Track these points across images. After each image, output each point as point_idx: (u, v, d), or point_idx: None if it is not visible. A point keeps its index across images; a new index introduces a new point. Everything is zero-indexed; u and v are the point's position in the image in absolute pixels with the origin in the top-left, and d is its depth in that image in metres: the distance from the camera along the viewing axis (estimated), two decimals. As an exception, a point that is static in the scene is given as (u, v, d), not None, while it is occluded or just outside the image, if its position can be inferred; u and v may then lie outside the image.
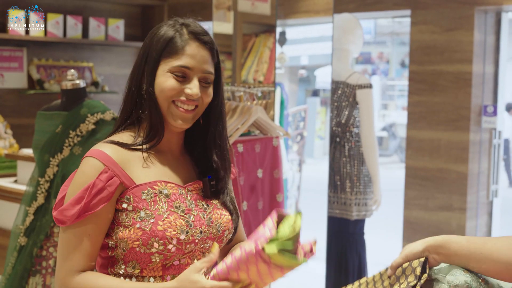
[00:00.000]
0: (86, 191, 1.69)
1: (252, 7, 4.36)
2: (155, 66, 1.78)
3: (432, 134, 4.91)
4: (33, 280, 3.30)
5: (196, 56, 1.77)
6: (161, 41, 1.77)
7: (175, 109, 1.77)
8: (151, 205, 1.72)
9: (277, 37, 5.15)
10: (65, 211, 1.69)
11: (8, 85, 5.83)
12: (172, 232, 1.71)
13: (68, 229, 1.71)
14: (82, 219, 1.69)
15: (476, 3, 4.69)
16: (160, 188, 1.75)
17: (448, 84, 4.83)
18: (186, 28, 1.79)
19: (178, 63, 1.75)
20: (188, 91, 1.76)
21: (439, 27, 4.86)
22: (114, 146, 1.76)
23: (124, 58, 6.75)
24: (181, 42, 1.76)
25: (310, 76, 15.64)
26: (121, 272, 1.75)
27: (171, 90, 1.75)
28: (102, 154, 1.73)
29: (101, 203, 1.69)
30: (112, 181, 1.70)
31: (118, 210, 1.73)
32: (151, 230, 1.69)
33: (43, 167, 3.30)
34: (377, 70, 18.38)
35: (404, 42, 17.00)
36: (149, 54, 1.79)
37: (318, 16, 5.57)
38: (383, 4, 5.13)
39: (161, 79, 1.76)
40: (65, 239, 1.72)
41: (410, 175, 5.05)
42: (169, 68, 1.76)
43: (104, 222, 1.72)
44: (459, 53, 4.78)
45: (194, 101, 1.77)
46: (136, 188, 1.73)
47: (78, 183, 1.72)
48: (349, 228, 4.58)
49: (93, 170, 1.71)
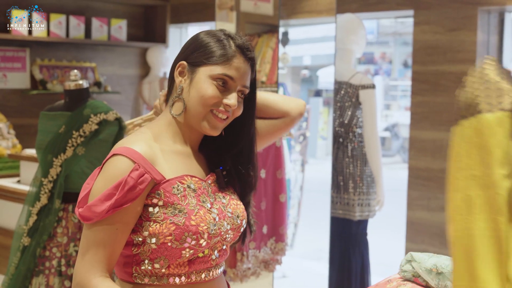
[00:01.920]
0: (117, 188, 1.67)
1: (254, 7, 4.36)
2: (194, 69, 1.81)
3: (435, 134, 4.91)
4: (36, 280, 3.30)
5: (240, 69, 1.80)
6: (207, 47, 1.81)
7: (211, 117, 1.80)
8: (182, 200, 1.73)
9: (280, 37, 5.15)
10: (94, 207, 1.67)
11: (11, 86, 5.84)
12: (204, 227, 1.73)
13: (94, 225, 1.69)
14: (110, 215, 1.68)
15: (479, 3, 4.68)
16: (188, 183, 1.77)
17: (451, 84, 4.82)
18: (232, 41, 1.82)
19: (223, 72, 1.78)
20: (227, 101, 1.79)
21: (442, 27, 4.86)
22: (145, 141, 1.77)
23: (126, 58, 6.76)
24: (229, 52, 1.80)
25: (312, 76, 15.65)
26: (147, 270, 1.74)
27: (212, 98, 1.78)
28: (131, 151, 1.72)
29: (132, 199, 1.68)
30: (143, 178, 1.69)
31: (148, 205, 1.73)
32: (185, 225, 1.70)
33: (46, 167, 3.31)
34: (379, 70, 18.38)
35: (406, 42, 16.99)
36: (189, 55, 1.83)
37: (321, 16, 5.56)
38: (386, 4, 5.12)
39: (202, 85, 1.79)
40: (90, 235, 1.70)
41: (413, 176, 5.04)
42: (213, 74, 1.78)
43: (133, 217, 1.71)
44: (462, 53, 4.77)
45: (229, 112, 1.81)
46: (166, 183, 1.73)
47: (106, 180, 1.70)
48: (352, 228, 4.57)
49: (123, 167, 1.70)
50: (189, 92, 1.81)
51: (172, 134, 1.85)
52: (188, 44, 1.86)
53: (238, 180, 1.93)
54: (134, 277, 1.77)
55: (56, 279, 3.28)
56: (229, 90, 1.80)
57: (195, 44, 1.83)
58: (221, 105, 1.79)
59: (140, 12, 6.83)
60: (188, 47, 1.85)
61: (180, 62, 1.83)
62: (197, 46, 1.83)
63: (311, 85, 15.95)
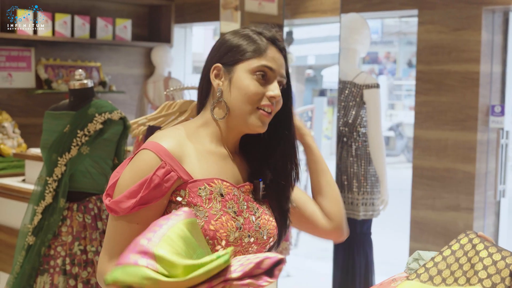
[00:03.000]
0: (142, 186, 1.66)
1: (259, 7, 4.37)
2: (231, 68, 1.79)
3: (439, 133, 4.91)
4: (41, 279, 3.31)
5: (276, 59, 1.80)
6: (239, 44, 1.79)
7: (259, 113, 1.78)
8: (205, 203, 1.70)
9: (284, 37, 5.15)
10: (121, 203, 1.67)
11: (16, 85, 5.85)
12: (222, 234, 1.69)
13: (119, 219, 1.69)
14: (135, 211, 1.67)
15: (484, 2, 4.68)
16: (217, 186, 1.74)
17: (456, 84, 4.82)
18: (262, 35, 1.81)
19: (262, 63, 1.77)
20: (270, 93, 1.77)
21: (446, 26, 4.86)
22: (175, 139, 1.74)
23: (131, 58, 6.77)
24: (263, 45, 1.79)
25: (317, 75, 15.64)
26: None
27: (256, 94, 1.76)
28: (159, 147, 1.69)
29: (157, 197, 1.67)
30: (169, 176, 1.68)
31: (172, 202, 1.71)
32: (203, 228, 1.67)
33: (51, 166, 3.32)
34: (384, 70, 18.37)
35: (411, 41, 16.98)
36: (223, 57, 1.80)
37: (325, 16, 5.57)
38: (390, 4, 5.12)
39: (244, 82, 1.77)
40: (115, 227, 1.71)
41: (417, 175, 5.04)
42: (251, 68, 1.77)
43: (158, 212, 1.70)
44: (466, 53, 4.77)
45: (273, 105, 1.79)
46: (193, 183, 1.71)
47: (133, 175, 1.69)
48: (356, 228, 4.57)
49: (149, 164, 1.68)
50: (230, 93, 1.78)
51: (208, 133, 1.82)
52: (218, 47, 1.83)
53: (275, 193, 1.88)
54: None
55: (61, 278, 3.28)
56: (269, 81, 1.79)
57: (226, 46, 1.81)
58: (264, 99, 1.78)
59: (144, 12, 6.84)
60: (219, 50, 1.82)
61: (215, 65, 1.81)
62: (228, 47, 1.80)
63: (316, 85, 15.94)
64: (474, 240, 1.65)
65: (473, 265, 1.61)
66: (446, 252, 1.69)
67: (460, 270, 1.63)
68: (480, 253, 1.61)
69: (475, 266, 1.61)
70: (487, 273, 1.58)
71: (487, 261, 1.60)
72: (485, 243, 1.63)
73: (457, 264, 1.64)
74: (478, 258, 1.61)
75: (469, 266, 1.62)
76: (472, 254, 1.63)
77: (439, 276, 1.66)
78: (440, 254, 1.69)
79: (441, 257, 1.68)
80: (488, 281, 1.58)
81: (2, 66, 5.72)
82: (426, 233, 4.96)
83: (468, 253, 1.65)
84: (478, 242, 1.64)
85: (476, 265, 1.61)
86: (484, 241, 1.64)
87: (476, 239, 1.64)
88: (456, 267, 1.65)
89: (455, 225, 4.82)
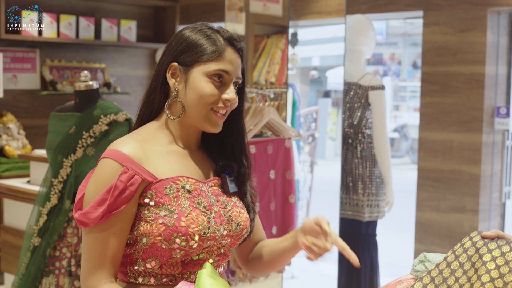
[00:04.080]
0: (108, 193, 1.67)
1: (263, 8, 4.36)
2: (188, 69, 1.79)
3: (445, 135, 4.90)
4: (47, 280, 3.31)
5: (233, 62, 1.80)
6: (195, 45, 1.79)
7: (213, 115, 1.79)
8: (173, 201, 1.72)
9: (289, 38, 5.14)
10: (88, 214, 1.68)
11: (21, 86, 5.86)
12: (194, 229, 1.71)
13: (91, 231, 1.69)
14: (105, 220, 1.68)
15: (489, 4, 4.67)
16: (183, 184, 1.75)
17: (461, 85, 4.82)
18: (220, 34, 1.81)
19: (218, 67, 1.77)
20: (226, 96, 1.78)
21: (451, 28, 4.85)
22: (133, 142, 1.75)
23: (136, 59, 6.77)
24: (219, 46, 1.78)
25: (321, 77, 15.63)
26: (140, 269, 1.74)
27: (211, 96, 1.77)
28: (118, 153, 1.71)
29: (124, 202, 1.68)
30: (133, 180, 1.69)
31: (140, 205, 1.72)
32: (174, 225, 1.69)
33: (56, 168, 3.32)
34: (388, 71, 18.34)
35: (415, 43, 16.96)
36: (180, 56, 1.80)
37: (330, 17, 5.56)
38: (395, 5, 5.12)
39: (199, 84, 1.77)
40: (89, 241, 1.70)
41: (422, 177, 5.03)
42: (208, 72, 1.77)
43: (128, 218, 1.71)
44: (471, 54, 4.76)
45: (228, 107, 1.80)
46: (158, 183, 1.72)
47: (98, 184, 1.70)
48: (361, 229, 4.57)
49: (112, 171, 1.69)
50: (185, 94, 1.79)
51: (167, 134, 1.83)
52: (176, 44, 1.83)
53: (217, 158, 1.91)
54: (129, 277, 1.77)
55: (66, 279, 3.29)
56: (225, 84, 1.79)
57: (184, 44, 1.80)
58: (219, 101, 1.78)
59: (149, 13, 6.85)
60: (177, 47, 1.82)
61: (171, 64, 1.81)
62: (186, 45, 1.80)
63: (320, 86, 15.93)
64: (477, 244, 1.64)
65: (477, 269, 1.61)
66: (450, 257, 1.68)
67: (464, 277, 1.63)
68: (484, 256, 1.61)
69: (478, 271, 1.60)
70: (490, 276, 1.57)
71: (490, 265, 1.59)
72: (489, 245, 1.63)
73: (462, 270, 1.63)
74: (481, 262, 1.60)
75: (473, 272, 1.61)
76: (476, 259, 1.62)
77: (445, 284, 1.65)
78: (444, 260, 1.69)
79: (446, 264, 1.68)
80: (491, 285, 1.57)
81: (7, 68, 5.72)
82: (431, 235, 4.95)
83: (471, 258, 1.64)
84: (482, 245, 1.63)
85: (479, 269, 1.60)
86: (488, 243, 1.63)
87: (479, 242, 1.64)
88: (461, 273, 1.64)
89: (460, 227, 4.81)
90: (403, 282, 2.01)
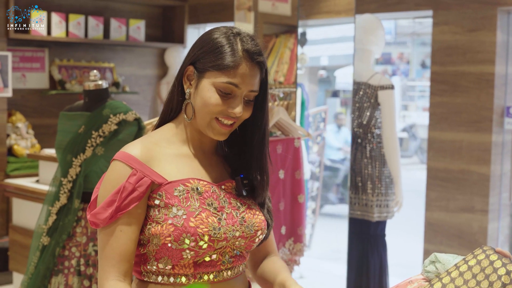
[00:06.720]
0: (117, 194, 1.71)
1: (272, 8, 4.36)
2: (201, 75, 1.78)
3: (454, 135, 4.88)
4: (56, 279, 3.32)
5: (246, 76, 1.76)
6: (213, 52, 1.77)
7: (216, 124, 1.78)
8: (183, 202, 1.73)
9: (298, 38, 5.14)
10: (98, 215, 1.72)
11: (30, 86, 5.87)
12: (203, 229, 1.72)
13: (102, 230, 1.75)
14: (114, 220, 1.72)
15: (499, 3, 4.65)
16: (193, 185, 1.77)
17: (470, 85, 4.80)
18: (240, 44, 1.77)
19: (227, 80, 1.75)
20: (231, 110, 1.76)
21: (461, 27, 4.83)
22: (143, 145, 1.78)
23: (145, 59, 6.78)
24: (234, 59, 1.75)
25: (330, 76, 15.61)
26: (153, 269, 1.77)
27: (216, 106, 1.76)
28: (127, 156, 1.74)
29: (133, 203, 1.72)
30: (142, 181, 1.72)
31: (151, 206, 1.75)
32: (183, 226, 1.70)
33: (65, 167, 3.32)
34: (397, 70, 18.30)
35: (424, 42, 16.91)
36: (200, 57, 1.79)
37: (339, 16, 5.55)
38: (405, 4, 5.11)
39: (206, 93, 1.76)
40: (101, 240, 1.75)
41: (432, 176, 5.02)
42: (216, 83, 1.75)
43: (136, 218, 1.74)
44: (481, 54, 4.75)
45: (235, 118, 1.79)
46: (168, 185, 1.74)
47: (107, 187, 1.74)
48: (370, 229, 4.56)
49: (121, 174, 1.73)
50: (195, 98, 1.80)
51: (181, 135, 1.85)
52: (200, 44, 1.81)
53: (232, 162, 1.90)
54: (143, 276, 1.80)
55: (75, 278, 3.29)
56: (234, 97, 1.77)
57: (207, 47, 1.78)
58: (225, 112, 1.77)
59: (158, 13, 6.85)
60: (201, 47, 1.80)
61: (188, 66, 1.81)
62: (209, 49, 1.78)
63: (329, 86, 15.91)
64: (491, 257, 1.64)
65: (492, 283, 1.60)
66: (462, 267, 1.68)
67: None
68: (498, 270, 1.60)
69: (493, 285, 1.60)
70: None
71: (505, 279, 1.59)
72: (503, 260, 1.62)
73: (475, 280, 1.63)
74: (496, 276, 1.60)
75: (487, 284, 1.60)
76: (490, 271, 1.61)
77: None
78: (456, 269, 1.68)
79: (458, 272, 1.67)
80: None
81: (16, 67, 5.74)
82: (440, 235, 4.94)
83: (485, 270, 1.63)
84: (496, 259, 1.63)
85: (494, 283, 1.60)
86: (502, 257, 1.63)
87: (493, 256, 1.63)
88: (474, 283, 1.63)
89: (469, 227, 4.80)
90: (413, 282, 2.00)
